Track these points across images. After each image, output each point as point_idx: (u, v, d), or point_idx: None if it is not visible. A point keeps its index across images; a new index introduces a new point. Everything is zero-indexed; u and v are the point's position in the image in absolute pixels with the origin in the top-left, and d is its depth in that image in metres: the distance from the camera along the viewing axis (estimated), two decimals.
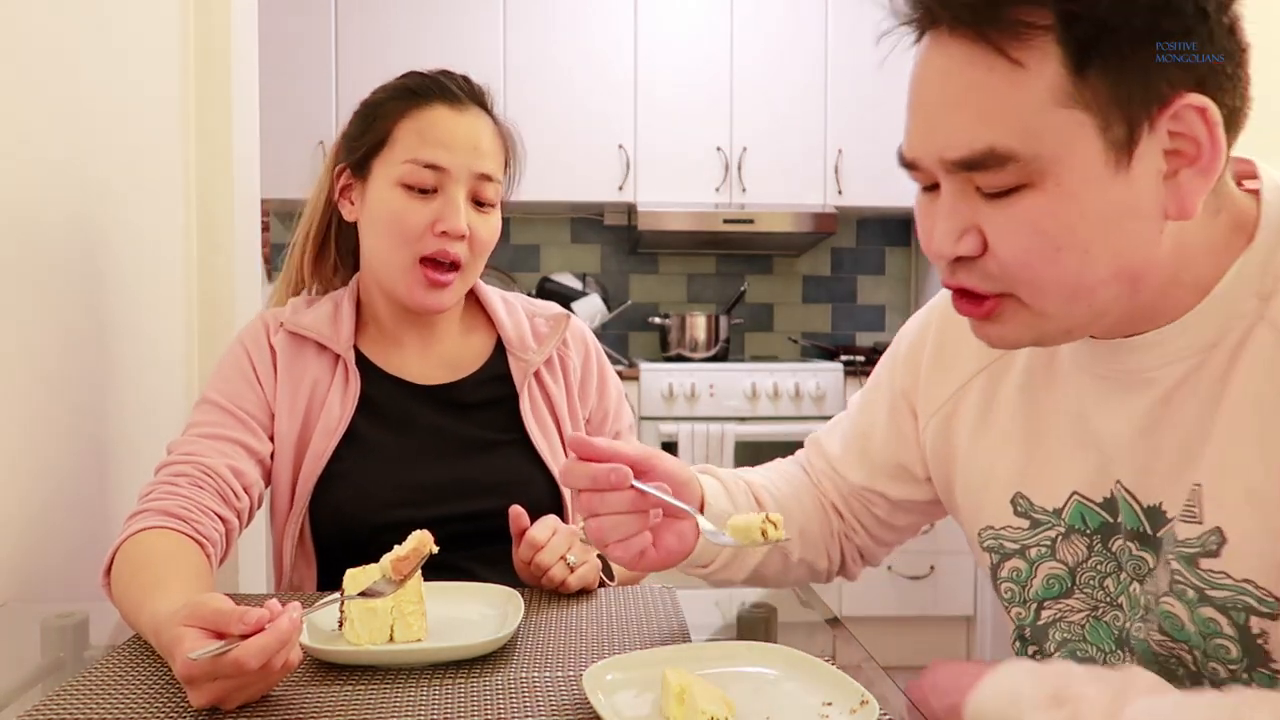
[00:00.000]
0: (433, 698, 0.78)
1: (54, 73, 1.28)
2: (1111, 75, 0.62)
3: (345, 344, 1.22)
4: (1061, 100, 0.63)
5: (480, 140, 1.19)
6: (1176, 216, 0.66)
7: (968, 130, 0.66)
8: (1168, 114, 0.63)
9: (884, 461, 0.99)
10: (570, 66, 3.52)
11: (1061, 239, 0.66)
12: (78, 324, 1.34)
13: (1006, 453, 0.87)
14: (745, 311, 3.94)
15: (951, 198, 0.69)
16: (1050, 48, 0.63)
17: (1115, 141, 0.63)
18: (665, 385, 3.26)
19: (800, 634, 1.03)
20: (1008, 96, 0.64)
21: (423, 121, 1.17)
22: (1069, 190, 0.64)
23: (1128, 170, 0.64)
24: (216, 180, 1.76)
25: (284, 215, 3.81)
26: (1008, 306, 0.71)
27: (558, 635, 0.93)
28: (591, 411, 1.31)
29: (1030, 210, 0.66)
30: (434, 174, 1.15)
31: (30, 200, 1.23)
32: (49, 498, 1.26)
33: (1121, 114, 0.63)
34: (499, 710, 0.75)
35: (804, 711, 0.74)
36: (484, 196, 1.19)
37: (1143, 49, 0.62)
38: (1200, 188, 0.65)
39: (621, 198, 3.56)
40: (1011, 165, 0.65)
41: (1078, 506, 0.81)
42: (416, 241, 1.16)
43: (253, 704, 0.76)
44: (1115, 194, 0.64)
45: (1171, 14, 0.62)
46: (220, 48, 1.75)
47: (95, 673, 0.83)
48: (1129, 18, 0.62)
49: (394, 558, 0.85)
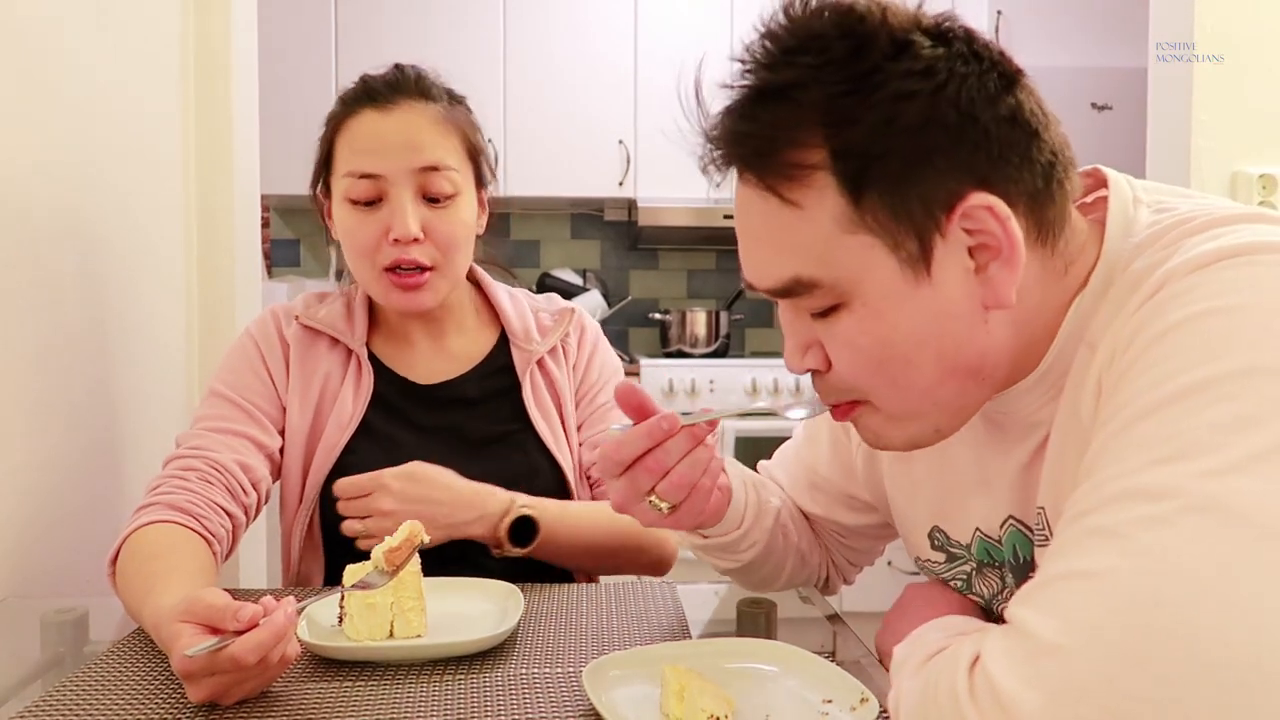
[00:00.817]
0: (432, 693, 0.78)
1: (54, 71, 1.28)
2: (888, 198, 0.64)
3: (359, 339, 1.22)
4: (847, 228, 0.65)
5: (414, 134, 1.13)
6: (994, 307, 0.67)
7: (773, 263, 0.69)
8: (956, 218, 0.64)
9: (834, 492, 1.01)
10: (570, 62, 3.52)
11: (880, 353, 0.68)
12: (77, 319, 1.34)
13: (924, 485, 0.88)
14: (746, 307, 3.94)
15: (788, 316, 0.73)
16: (826, 182, 0.65)
17: (909, 257, 0.65)
18: (665, 381, 3.25)
19: (800, 630, 1.03)
20: (796, 232, 0.67)
21: (351, 132, 1.14)
22: (875, 309, 0.67)
23: (929, 279, 0.65)
24: (216, 176, 1.76)
25: (284, 211, 3.81)
26: (864, 411, 0.74)
27: (558, 631, 0.93)
28: (579, 385, 1.29)
29: (848, 329, 0.68)
30: (371, 183, 1.12)
31: (30, 198, 1.22)
32: (49, 493, 1.26)
33: (908, 230, 0.64)
34: (499, 706, 0.75)
35: (804, 708, 0.74)
36: (435, 190, 1.13)
37: (914, 168, 0.63)
38: (1009, 278, 0.66)
39: (621, 193, 3.55)
40: (818, 291, 0.67)
41: (980, 542, 0.83)
42: (374, 253, 1.14)
43: (253, 699, 0.76)
44: (922, 305, 0.66)
45: (933, 129, 0.63)
46: (220, 43, 1.75)
47: (95, 668, 0.83)
48: (891, 144, 0.63)
49: (386, 549, 0.86)
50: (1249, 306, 0.57)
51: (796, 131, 0.65)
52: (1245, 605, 0.49)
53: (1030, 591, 0.56)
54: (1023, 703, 0.51)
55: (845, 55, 0.64)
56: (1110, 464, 0.56)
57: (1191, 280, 0.60)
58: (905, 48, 0.64)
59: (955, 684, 0.55)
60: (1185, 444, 0.54)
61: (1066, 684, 0.50)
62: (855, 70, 0.64)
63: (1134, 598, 0.50)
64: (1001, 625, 0.57)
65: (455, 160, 1.16)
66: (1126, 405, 0.58)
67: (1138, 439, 0.56)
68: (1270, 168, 1.86)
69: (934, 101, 0.63)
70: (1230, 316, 0.57)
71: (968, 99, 0.64)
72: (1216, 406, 0.54)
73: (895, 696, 0.63)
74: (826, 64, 0.64)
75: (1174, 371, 0.57)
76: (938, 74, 0.64)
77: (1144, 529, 0.52)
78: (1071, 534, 0.56)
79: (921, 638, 0.67)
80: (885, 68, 0.64)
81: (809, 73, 0.65)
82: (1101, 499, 0.55)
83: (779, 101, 0.66)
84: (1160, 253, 0.65)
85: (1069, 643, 0.51)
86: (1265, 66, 1.84)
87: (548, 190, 3.49)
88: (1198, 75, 1.83)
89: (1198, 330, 0.58)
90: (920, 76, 0.64)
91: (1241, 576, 0.50)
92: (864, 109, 0.63)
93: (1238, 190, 1.84)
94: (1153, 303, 0.61)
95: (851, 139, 0.64)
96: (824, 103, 0.64)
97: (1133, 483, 0.54)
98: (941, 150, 0.63)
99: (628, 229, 3.91)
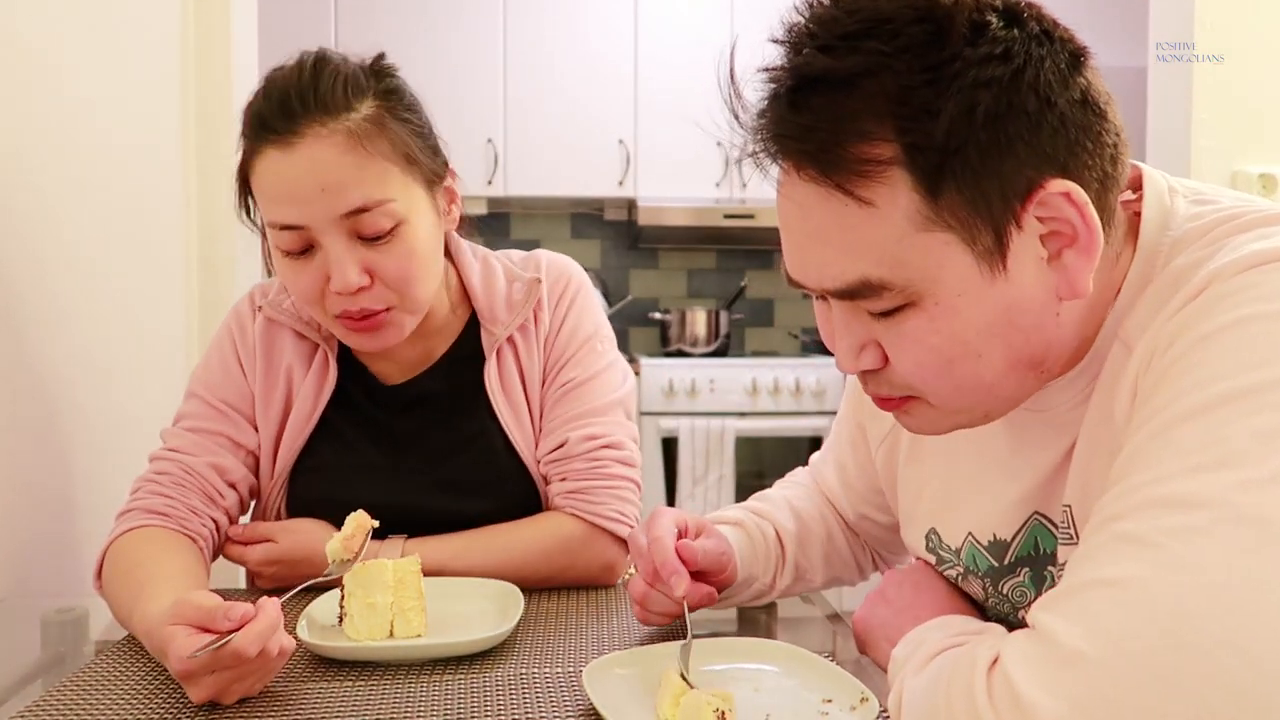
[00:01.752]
0: (432, 693, 0.78)
1: (54, 69, 1.28)
2: (967, 192, 0.61)
3: (326, 332, 1.13)
4: (921, 225, 0.62)
5: (326, 175, 0.96)
6: (1069, 297, 0.64)
7: (836, 264, 0.65)
8: (1032, 207, 0.62)
9: (863, 490, 1.00)
10: (570, 62, 3.52)
11: (952, 351, 0.65)
12: (76, 320, 1.34)
13: (929, 486, 0.87)
14: (746, 306, 3.94)
15: (843, 316, 0.69)
16: (900, 178, 0.61)
17: (985, 251, 0.62)
18: (666, 381, 3.25)
19: (800, 630, 1.03)
20: (867, 232, 0.63)
21: (261, 175, 0.99)
22: (949, 307, 0.64)
23: (1005, 272, 0.63)
24: (216, 174, 1.76)
25: None
26: (917, 406, 0.71)
27: (558, 631, 0.93)
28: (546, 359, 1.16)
29: (916, 329, 0.65)
30: (297, 234, 0.98)
31: (30, 197, 1.22)
32: (49, 493, 1.26)
33: (985, 223, 0.62)
34: (499, 706, 0.75)
35: (804, 708, 0.74)
36: (371, 230, 0.98)
37: (992, 159, 0.60)
38: (1085, 266, 0.63)
39: (622, 193, 3.55)
40: (887, 293, 0.64)
41: (970, 549, 0.82)
42: (320, 303, 1.02)
43: (254, 699, 0.76)
44: (997, 298, 0.63)
45: (1013, 116, 0.60)
46: (220, 41, 1.75)
47: (95, 667, 0.83)
48: (971, 134, 0.60)
49: (342, 538, 0.91)
50: None
51: (864, 123, 0.61)
52: (1276, 624, 0.48)
53: (1055, 597, 0.54)
54: (1044, 710, 0.50)
55: (923, 41, 0.60)
56: (1145, 468, 0.55)
57: (1239, 281, 0.58)
58: (982, 30, 0.60)
59: (973, 685, 0.54)
60: (1225, 452, 0.52)
61: (1089, 694, 0.49)
62: (933, 59, 0.60)
63: (1163, 610, 0.49)
64: (1023, 628, 0.56)
65: (388, 184, 0.99)
66: (1165, 408, 0.56)
67: (1175, 444, 0.54)
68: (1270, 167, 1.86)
69: (1014, 86, 0.60)
70: None
71: (1045, 82, 0.61)
72: (1261, 415, 0.52)
73: (896, 696, 0.63)
74: (901, 50, 0.60)
75: (1217, 376, 0.55)
76: (1015, 58, 0.60)
77: (1177, 539, 0.51)
78: (1101, 539, 0.54)
79: (922, 637, 0.67)
80: (964, 54, 0.60)
81: (879, 59, 0.60)
82: (1134, 504, 0.54)
83: (844, 91, 0.61)
84: (1204, 250, 0.63)
85: (1094, 652, 0.50)
86: (1265, 66, 1.84)
87: (548, 190, 3.49)
88: (1197, 75, 1.83)
89: (1244, 335, 0.56)
90: (999, 61, 0.60)
91: (1276, 594, 0.48)
92: (943, 99, 0.59)
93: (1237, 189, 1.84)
94: (1197, 303, 0.59)
95: (930, 132, 0.60)
96: (898, 93, 0.60)
97: (1168, 489, 0.53)
98: (1022, 138, 0.60)
99: (628, 228, 3.91)
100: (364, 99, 0.99)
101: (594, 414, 1.13)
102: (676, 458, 3.21)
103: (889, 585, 0.88)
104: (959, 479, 0.84)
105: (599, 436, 1.11)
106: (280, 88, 0.98)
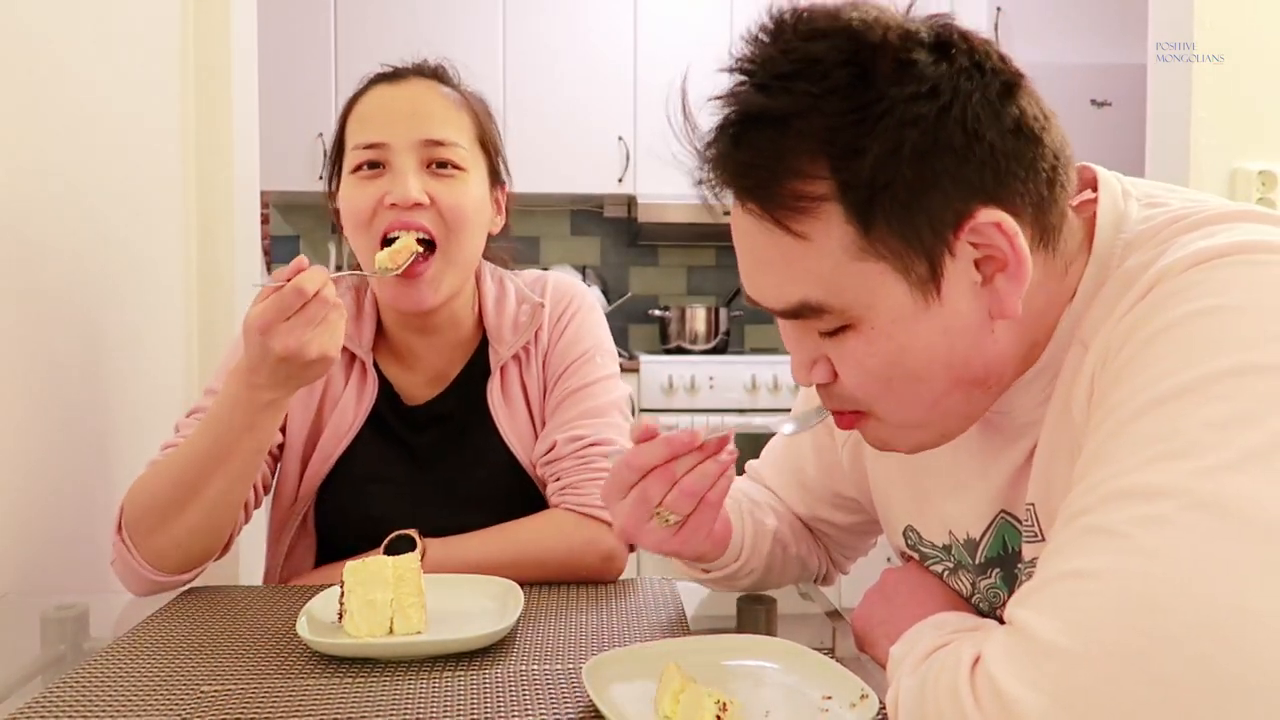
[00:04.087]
0: (432, 690, 0.78)
1: (54, 66, 1.28)
2: (897, 225, 0.63)
3: (366, 346, 1.19)
4: (856, 255, 0.64)
5: (421, 105, 1.10)
6: (1001, 318, 0.66)
7: (778, 287, 0.68)
8: (964, 235, 0.63)
9: (821, 491, 1.01)
10: (569, 58, 3.51)
11: (888, 372, 0.67)
12: (76, 316, 1.34)
13: (898, 484, 0.89)
14: (745, 304, 3.94)
15: (794, 333, 0.72)
16: (833, 212, 0.63)
17: (919, 279, 0.64)
18: (665, 378, 3.26)
19: (800, 627, 1.03)
20: (804, 262, 0.65)
21: (361, 107, 1.12)
22: (884, 332, 0.66)
23: (939, 299, 0.65)
24: (216, 172, 1.76)
25: (283, 207, 3.81)
26: (869, 422, 0.74)
27: (557, 628, 0.93)
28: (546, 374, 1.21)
29: (855, 350, 0.68)
30: (375, 151, 1.08)
31: (29, 195, 1.22)
32: (49, 490, 1.26)
33: (918, 254, 0.63)
34: (498, 703, 0.76)
35: (803, 705, 0.74)
36: (440, 157, 1.09)
37: (919, 194, 0.62)
38: (1015, 290, 0.65)
39: (621, 190, 3.56)
40: (827, 315, 0.67)
41: (957, 546, 0.84)
42: (371, 220, 1.08)
43: (254, 697, 0.76)
44: (932, 323, 0.65)
45: (939, 152, 0.62)
46: (220, 38, 1.74)
47: (95, 665, 0.83)
48: (898, 171, 0.61)
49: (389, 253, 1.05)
50: (1243, 306, 0.57)
51: (798, 161, 0.63)
52: (1244, 605, 0.49)
53: (1029, 592, 0.56)
54: (1027, 705, 0.51)
55: (847, 83, 0.62)
56: (1106, 463, 0.56)
57: (1185, 279, 0.60)
58: (908, 68, 0.62)
59: (957, 684, 0.55)
60: (1181, 443, 0.54)
61: (1070, 686, 0.50)
62: (859, 100, 0.62)
63: (1134, 598, 0.50)
64: (1001, 625, 0.56)
65: (466, 141, 1.12)
66: (1121, 405, 0.58)
67: (1133, 438, 0.56)
68: (1270, 164, 1.86)
69: (940, 123, 0.62)
70: (1224, 316, 0.57)
71: (973, 116, 0.63)
72: (1211, 405, 0.54)
73: (894, 695, 0.63)
74: (828, 92, 0.62)
75: (1168, 371, 0.56)
76: (942, 94, 0.62)
77: (1142, 528, 0.52)
78: (1069, 533, 0.56)
79: (917, 635, 0.67)
80: (889, 94, 0.62)
81: (809, 100, 0.62)
82: (1098, 498, 0.55)
83: (779, 129, 0.64)
84: (1153, 250, 0.64)
85: (1071, 644, 0.51)
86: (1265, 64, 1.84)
87: (547, 186, 3.50)
88: (1197, 74, 1.83)
89: (1192, 330, 0.57)
90: (925, 99, 0.62)
91: (1240, 576, 0.49)
92: (869, 139, 0.61)
93: (1237, 186, 1.85)
94: (1146, 301, 0.61)
95: (858, 170, 0.62)
96: (827, 133, 0.62)
97: (1129, 481, 0.54)
98: (948, 172, 0.62)
99: (627, 225, 3.91)
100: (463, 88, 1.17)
101: (583, 417, 1.16)
102: None
103: (888, 583, 0.88)
104: (930, 477, 0.85)
105: (584, 436, 1.15)
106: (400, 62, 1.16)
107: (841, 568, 1.09)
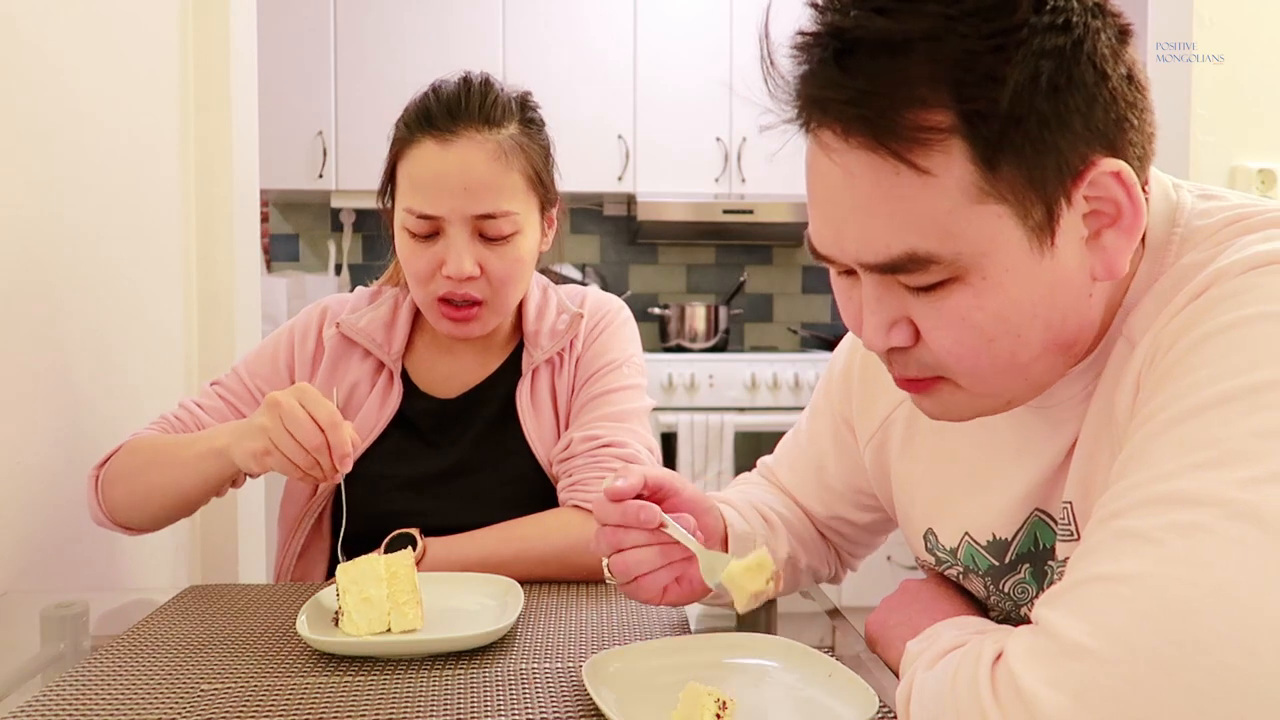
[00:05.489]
0: (431, 688, 0.78)
1: (54, 66, 1.28)
2: (1025, 164, 0.59)
3: (395, 354, 1.22)
4: (976, 197, 0.60)
5: (474, 177, 1.09)
6: (1105, 278, 0.64)
7: (882, 237, 0.62)
8: (1083, 184, 0.61)
9: (842, 489, 0.99)
10: (569, 57, 3.51)
11: (994, 329, 0.63)
12: (77, 314, 1.34)
13: (921, 487, 0.87)
14: (745, 302, 3.94)
15: (876, 292, 0.66)
16: (956, 148, 0.59)
17: (1036, 225, 0.61)
18: (665, 376, 3.26)
19: (800, 625, 1.03)
20: (919, 202, 0.60)
21: (412, 164, 1.11)
22: (996, 282, 0.62)
23: (1053, 249, 0.62)
24: (216, 171, 1.76)
25: (282, 206, 3.80)
26: (944, 387, 0.69)
27: (557, 626, 0.93)
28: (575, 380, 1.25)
29: (959, 305, 0.63)
30: (428, 222, 1.11)
31: (29, 194, 1.22)
32: (50, 488, 1.26)
33: (1038, 197, 0.60)
34: (498, 701, 0.76)
35: (803, 704, 0.74)
36: (493, 232, 1.11)
37: (1051, 131, 0.59)
38: (1125, 247, 0.63)
39: (621, 188, 3.55)
40: (934, 266, 0.62)
41: (968, 548, 0.82)
42: (428, 283, 1.13)
43: (253, 696, 0.76)
44: (1042, 275, 0.62)
45: (1073, 89, 0.59)
46: (219, 37, 1.74)
47: (95, 663, 0.83)
48: (1033, 104, 0.58)
49: None
50: None
51: (920, 88, 0.58)
52: (1277, 619, 0.48)
53: (1058, 593, 0.54)
54: (1046, 703, 0.50)
55: (990, 5, 0.58)
56: (1146, 466, 0.55)
57: (1241, 283, 0.58)
58: None
59: (977, 680, 0.54)
60: (1226, 451, 0.52)
61: (1092, 686, 0.49)
62: (1001, 23, 0.58)
63: (1164, 605, 0.49)
64: (1026, 625, 0.56)
65: (517, 199, 1.13)
66: (1167, 406, 0.56)
67: (1176, 442, 0.54)
68: (1269, 162, 1.86)
69: (1074, 58, 0.59)
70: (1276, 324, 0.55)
71: (1101, 55, 0.60)
72: (1257, 415, 0.52)
73: (905, 689, 0.62)
74: (967, 14, 0.58)
75: (1219, 375, 0.55)
76: (1075, 28, 0.59)
77: (1178, 535, 0.51)
78: (1102, 535, 0.54)
79: (936, 633, 0.66)
80: (1030, 21, 0.58)
81: (943, 24, 0.58)
82: (1135, 501, 0.54)
83: (901, 54, 0.58)
84: (1211, 250, 0.63)
85: (1096, 646, 0.50)
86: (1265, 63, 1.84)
87: None
88: (1197, 75, 1.83)
89: (1247, 335, 0.55)
90: (1060, 31, 0.58)
91: (1275, 590, 0.48)
92: (1009, 67, 0.57)
93: (1236, 185, 1.85)
94: (1200, 302, 0.59)
95: (995, 100, 0.58)
96: (963, 57, 0.58)
97: (1169, 487, 0.53)
98: (1079, 112, 0.59)
99: (627, 224, 3.91)
100: (512, 121, 1.14)
101: (602, 420, 1.18)
102: (675, 453, 3.21)
103: (908, 590, 0.88)
104: (953, 479, 0.83)
105: (599, 437, 1.16)
106: (449, 93, 1.13)
107: (851, 565, 1.08)
